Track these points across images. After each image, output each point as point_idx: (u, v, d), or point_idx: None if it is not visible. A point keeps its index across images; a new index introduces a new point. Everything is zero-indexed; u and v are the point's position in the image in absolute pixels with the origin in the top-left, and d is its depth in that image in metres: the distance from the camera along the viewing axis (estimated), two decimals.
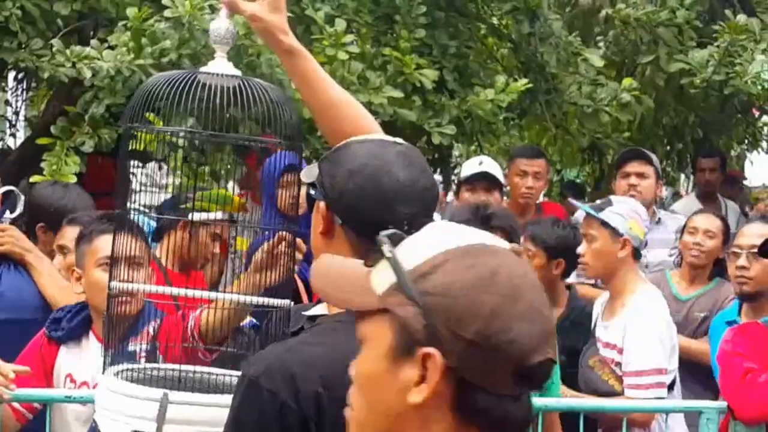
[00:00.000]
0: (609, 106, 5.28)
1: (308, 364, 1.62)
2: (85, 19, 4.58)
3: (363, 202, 1.67)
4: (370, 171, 1.68)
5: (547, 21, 5.37)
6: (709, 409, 3.12)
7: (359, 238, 1.68)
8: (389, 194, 1.67)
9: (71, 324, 2.91)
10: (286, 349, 1.68)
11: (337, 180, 1.70)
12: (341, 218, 1.70)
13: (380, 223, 1.61)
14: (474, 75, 5.16)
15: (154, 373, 2.09)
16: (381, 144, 1.75)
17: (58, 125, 4.22)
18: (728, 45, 5.27)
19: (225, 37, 2.06)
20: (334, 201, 1.70)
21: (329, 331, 1.69)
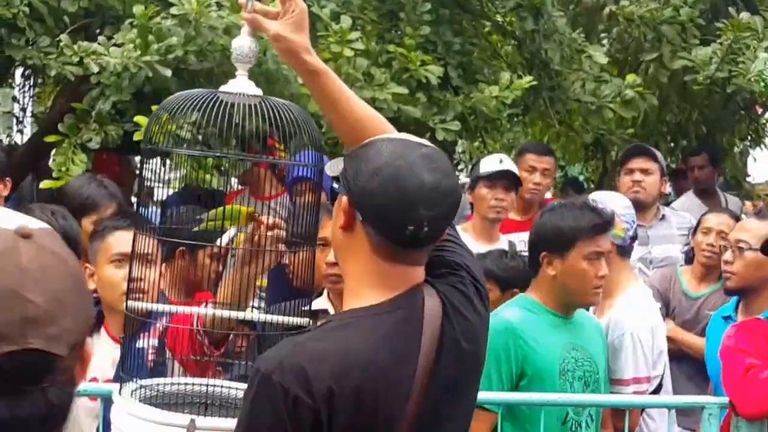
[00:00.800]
0: (613, 102, 5.27)
1: (320, 359, 1.63)
2: (92, 17, 4.58)
3: (384, 202, 1.68)
4: (394, 171, 1.68)
5: (551, 18, 5.35)
6: (711, 405, 3.09)
7: (378, 236, 1.70)
8: (411, 196, 1.67)
9: None
10: (298, 344, 1.69)
11: (360, 177, 1.71)
12: (362, 215, 1.71)
13: (400, 223, 1.68)
14: (478, 72, 5.15)
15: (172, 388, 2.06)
16: (406, 144, 1.75)
17: (66, 122, 4.21)
18: (731, 43, 5.27)
19: (247, 55, 2.02)
20: (357, 197, 1.71)
21: (341, 327, 1.71)
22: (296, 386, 1.60)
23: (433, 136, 4.82)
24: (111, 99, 4.10)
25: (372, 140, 1.77)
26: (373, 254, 1.72)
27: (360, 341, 1.67)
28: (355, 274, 1.75)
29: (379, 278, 1.73)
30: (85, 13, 4.51)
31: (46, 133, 4.33)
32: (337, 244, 1.79)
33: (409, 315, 1.72)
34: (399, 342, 1.70)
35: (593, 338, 3.14)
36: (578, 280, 3.00)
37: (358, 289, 1.75)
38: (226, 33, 4.05)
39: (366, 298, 1.72)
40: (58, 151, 4.13)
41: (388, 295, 1.72)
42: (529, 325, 3.00)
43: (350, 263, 1.76)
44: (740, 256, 3.42)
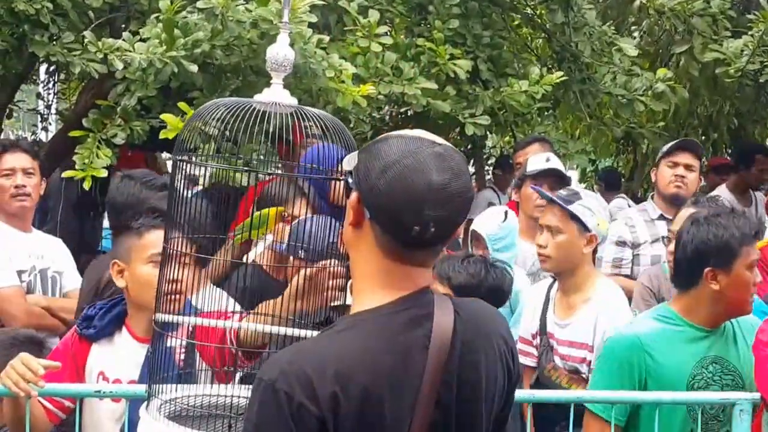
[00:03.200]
0: (644, 96, 5.16)
1: (323, 364, 1.59)
2: (117, 12, 4.47)
3: (391, 200, 1.62)
4: (402, 169, 1.62)
5: (581, 10, 5.27)
6: (742, 401, 2.98)
7: (385, 235, 1.65)
8: (418, 195, 1.61)
9: (103, 321, 2.80)
10: (301, 350, 1.66)
11: (370, 173, 1.65)
12: (370, 212, 1.66)
13: (406, 222, 1.62)
14: (508, 65, 5.06)
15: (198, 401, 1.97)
16: (418, 142, 1.67)
17: (90, 118, 4.12)
18: (762, 34, 5.15)
19: (282, 63, 1.96)
20: (366, 194, 1.66)
21: (345, 330, 1.66)
22: (300, 393, 1.56)
23: (463, 131, 4.71)
24: (136, 95, 4.01)
25: (385, 136, 1.72)
26: (380, 252, 1.67)
27: (364, 344, 1.63)
28: (362, 272, 1.71)
29: (386, 277, 1.68)
30: (110, 8, 4.40)
31: (71, 130, 4.24)
32: (347, 240, 1.74)
33: (416, 316, 1.66)
34: (405, 343, 1.64)
35: (741, 350, 3.02)
36: (741, 291, 2.90)
37: (365, 289, 1.70)
38: (253, 27, 3.95)
39: (372, 299, 1.68)
40: (82, 146, 4.03)
41: (394, 296, 1.67)
42: (660, 338, 2.91)
43: (358, 261, 1.72)
44: None
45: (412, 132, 1.72)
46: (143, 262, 2.75)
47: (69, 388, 2.76)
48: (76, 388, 2.77)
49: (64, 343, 2.87)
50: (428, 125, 4.98)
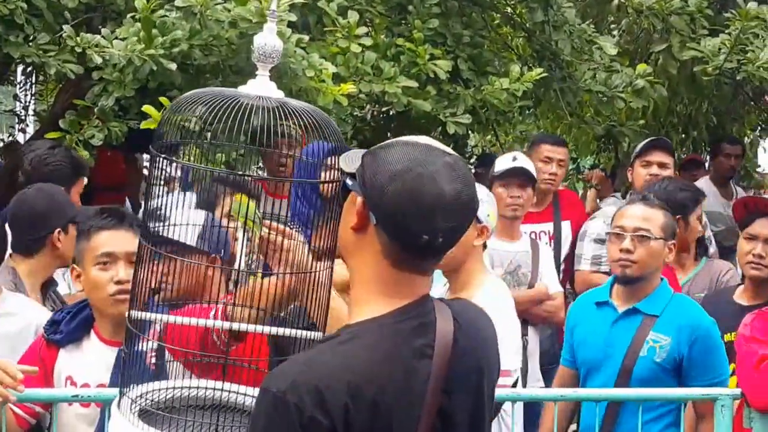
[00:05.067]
0: (624, 93, 5.14)
1: (332, 376, 1.56)
2: (93, 12, 4.39)
3: (402, 208, 1.60)
4: (415, 177, 1.60)
5: (560, 9, 5.24)
6: (724, 396, 3.01)
7: (391, 242, 1.62)
8: (430, 205, 1.60)
9: (70, 326, 2.74)
10: (309, 362, 1.61)
11: (378, 179, 1.61)
12: (376, 218, 1.62)
13: (416, 231, 1.60)
14: (488, 64, 5.01)
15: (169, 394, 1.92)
16: (429, 151, 1.65)
17: (67, 119, 4.04)
18: (740, 32, 5.15)
19: (270, 55, 1.86)
20: (373, 199, 1.62)
21: (350, 341, 1.62)
22: (311, 406, 1.53)
23: (444, 130, 4.67)
24: (114, 95, 3.94)
25: (393, 141, 1.69)
26: (383, 259, 1.64)
27: (370, 354, 1.60)
28: (363, 278, 1.67)
29: (387, 285, 1.65)
30: (85, 8, 4.32)
31: (48, 131, 4.15)
32: (346, 244, 1.71)
33: (419, 325, 1.64)
34: (410, 353, 1.62)
35: None
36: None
37: (365, 296, 1.66)
38: (232, 26, 3.89)
39: (373, 307, 1.65)
40: None
41: (396, 304, 1.64)
42: None
43: (359, 266, 1.68)
44: (642, 244, 3.26)
45: (420, 139, 1.70)
46: (91, 264, 2.69)
47: (45, 394, 2.69)
48: (52, 393, 2.70)
49: (32, 349, 2.80)
50: (409, 124, 4.93)
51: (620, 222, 3.36)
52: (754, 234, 3.50)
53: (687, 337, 3.14)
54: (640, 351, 3.16)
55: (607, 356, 3.22)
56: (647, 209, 3.34)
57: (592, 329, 3.31)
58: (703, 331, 3.16)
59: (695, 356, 3.13)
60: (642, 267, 3.25)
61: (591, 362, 3.28)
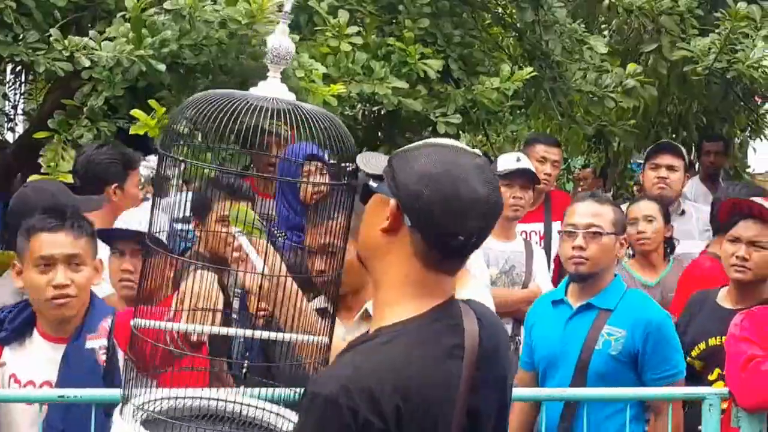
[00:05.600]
0: (614, 92, 5.13)
1: (382, 377, 1.57)
2: (83, 11, 4.36)
3: (438, 210, 1.62)
4: (450, 180, 1.63)
5: (551, 9, 5.22)
6: (711, 396, 3.00)
7: (424, 243, 1.64)
8: (465, 206, 1.63)
9: (14, 324, 2.72)
10: (357, 364, 1.60)
11: (413, 181, 1.63)
12: (411, 219, 1.63)
13: (451, 232, 1.62)
14: (479, 64, 5.00)
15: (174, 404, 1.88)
16: (460, 153, 1.69)
17: (56, 118, 4.02)
18: (729, 32, 5.14)
19: (285, 57, 1.83)
20: (407, 201, 1.63)
21: (392, 342, 1.63)
22: (365, 408, 1.53)
23: (435, 130, 4.65)
24: (103, 95, 3.93)
25: (423, 144, 1.71)
26: (415, 260, 1.65)
27: (413, 355, 1.61)
28: (393, 279, 1.67)
29: (419, 286, 1.66)
30: (75, 8, 4.29)
31: (37, 131, 4.12)
32: (373, 247, 1.70)
33: (448, 326, 1.66)
34: (444, 353, 1.64)
35: None
36: None
37: (395, 297, 1.67)
38: (221, 27, 3.87)
39: (406, 307, 1.65)
40: (48, 147, 3.93)
41: (427, 305, 1.66)
42: None
43: (388, 268, 1.68)
44: (594, 240, 3.26)
45: (448, 141, 1.73)
46: (30, 265, 2.67)
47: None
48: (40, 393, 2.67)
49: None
50: (400, 124, 4.92)
51: (571, 220, 3.35)
52: (737, 236, 3.46)
53: (641, 331, 3.14)
54: (595, 345, 3.16)
55: (564, 352, 3.22)
56: (597, 205, 3.34)
57: (549, 327, 3.31)
58: (657, 324, 3.17)
59: (649, 349, 3.13)
60: (595, 263, 3.25)
61: (548, 359, 3.28)
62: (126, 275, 3.07)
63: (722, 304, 3.51)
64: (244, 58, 3.93)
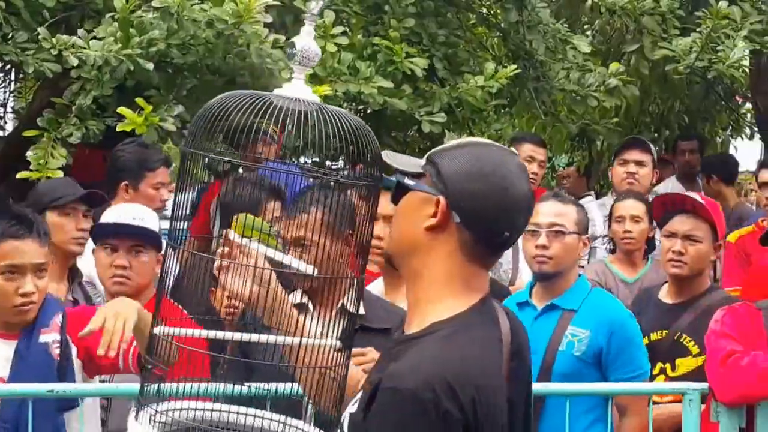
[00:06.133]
0: (597, 91, 5.16)
1: (457, 370, 1.58)
2: (71, 11, 4.36)
3: (488, 207, 1.65)
4: (500, 177, 1.66)
5: (534, 9, 5.25)
6: (692, 391, 2.99)
7: (472, 239, 1.66)
8: (513, 204, 1.67)
9: None
10: (433, 357, 1.60)
11: (464, 179, 1.65)
12: (460, 216, 1.65)
13: (500, 229, 1.66)
14: (464, 63, 5.03)
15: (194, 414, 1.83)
16: (502, 151, 1.73)
17: (45, 117, 4.02)
18: (710, 32, 5.19)
19: (313, 59, 1.78)
20: (458, 199, 1.65)
21: (454, 335, 1.63)
22: (446, 400, 1.53)
23: (420, 129, 4.68)
24: (92, 94, 3.93)
25: (463, 143, 1.73)
26: (461, 256, 1.67)
27: (475, 348, 1.64)
28: (434, 276, 1.68)
29: (463, 281, 1.68)
30: (63, 7, 4.29)
31: (26, 130, 4.12)
32: (412, 244, 1.69)
33: (490, 319, 1.70)
34: (495, 346, 1.68)
35: None
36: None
37: (441, 293, 1.67)
38: (209, 26, 3.88)
39: (453, 302, 1.67)
40: (37, 145, 3.94)
41: (473, 299, 1.68)
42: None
43: (429, 264, 1.68)
44: (557, 240, 3.24)
45: (484, 140, 1.78)
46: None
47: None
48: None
49: None
50: (385, 123, 4.94)
51: (535, 219, 3.27)
52: (673, 231, 3.44)
53: (605, 331, 3.11)
54: (559, 346, 3.13)
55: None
56: (560, 205, 3.31)
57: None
58: (620, 324, 3.14)
59: (613, 350, 3.11)
60: (558, 262, 3.21)
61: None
62: (120, 271, 3.05)
63: (663, 300, 3.51)
64: (231, 57, 3.95)
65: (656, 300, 3.53)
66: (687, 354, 3.34)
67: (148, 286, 3.13)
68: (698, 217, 3.40)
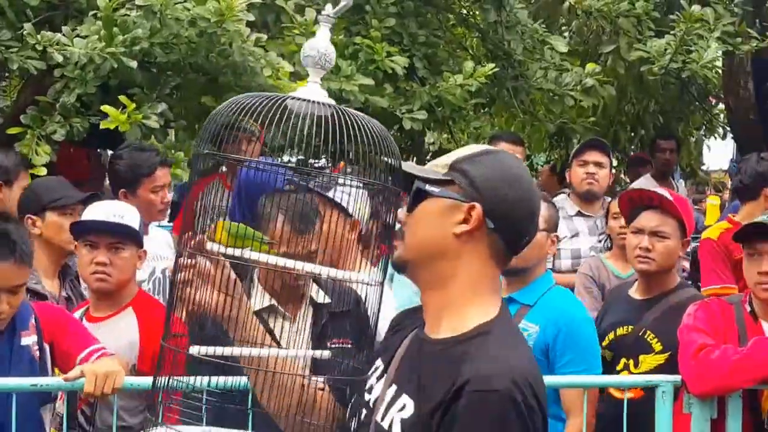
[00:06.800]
0: (574, 90, 5.20)
1: (530, 369, 1.60)
2: (55, 10, 4.34)
3: (518, 213, 1.67)
4: (525, 184, 1.69)
5: (513, 10, 5.28)
6: (665, 383, 3.02)
7: (502, 244, 1.67)
8: (536, 209, 1.71)
9: None
10: (509, 357, 1.61)
11: (497, 185, 1.65)
12: (494, 222, 1.65)
13: (525, 233, 1.69)
14: (443, 63, 5.05)
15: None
16: (516, 159, 1.76)
17: (29, 114, 4.00)
18: (684, 33, 5.24)
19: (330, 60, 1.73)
20: (493, 205, 1.65)
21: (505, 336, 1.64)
22: (530, 398, 1.55)
23: (401, 127, 4.69)
24: (76, 92, 3.91)
25: (485, 150, 1.72)
26: (491, 261, 1.68)
27: (526, 346, 1.69)
28: (464, 280, 1.67)
29: (491, 283, 1.70)
30: (47, 6, 4.27)
31: (11, 127, 4.10)
32: (440, 249, 1.67)
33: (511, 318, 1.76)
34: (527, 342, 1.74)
35: None
36: None
37: (471, 296, 1.67)
38: (191, 25, 3.87)
39: (486, 305, 1.67)
40: (21, 143, 3.92)
41: (499, 300, 1.70)
42: None
43: (459, 269, 1.67)
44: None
45: (496, 148, 1.77)
46: None
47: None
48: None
49: None
50: None
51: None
52: (640, 227, 3.39)
53: (553, 328, 3.05)
54: None
55: None
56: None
57: None
58: (568, 324, 3.07)
59: (558, 348, 3.05)
60: (525, 259, 3.08)
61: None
62: (100, 268, 3.04)
63: (632, 296, 3.47)
64: (214, 56, 3.95)
65: (626, 295, 3.50)
66: (650, 351, 3.30)
67: (128, 282, 3.12)
68: (666, 213, 3.36)
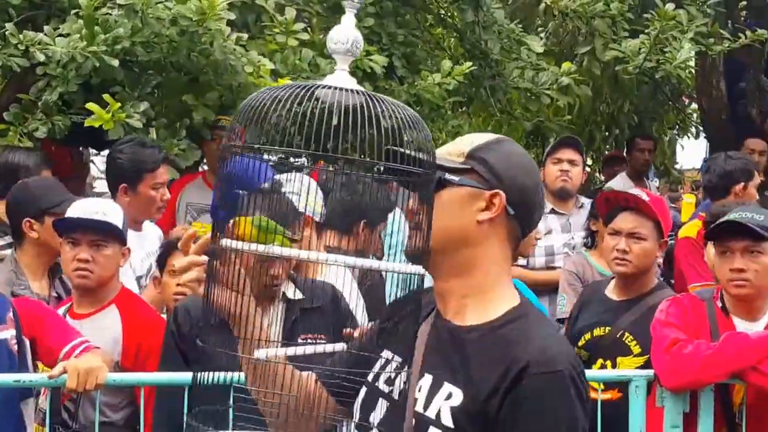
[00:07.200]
0: (550, 89, 5.23)
1: (572, 349, 1.66)
2: (38, 9, 4.34)
3: (533, 200, 1.70)
4: (536, 171, 1.74)
5: (489, 10, 5.31)
6: (638, 378, 3.05)
7: (518, 229, 1.69)
8: (542, 195, 1.74)
9: None
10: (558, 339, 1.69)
11: (515, 173, 1.67)
12: (515, 209, 1.67)
13: (535, 221, 1.73)
14: (422, 62, 5.07)
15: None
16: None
17: (11, 112, 4.01)
18: (658, 33, 5.29)
19: (358, 47, 1.65)
20: (514, 193, 1.67)
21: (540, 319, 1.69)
22: (582, 377, 1.60)
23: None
24: (57, 90, 3.91)
25: (499, 139, 1.73)
26: (506, 247, 1.69)
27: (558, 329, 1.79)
28: (487, 266, 1.68)
29: (508, 269, 1.72)
30: (30, 6, 4.27)
31: None
32: (462, 237, 1.67)
33: None
34: None
35: None
36: None
37: (493, 282, 1.68)
38: (173, 24, 3.88)
39: (508, 290, 1.69)
40: (3, 139, 3.92)
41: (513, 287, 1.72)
42: None
43: (481, 256, 1.67)
44: None
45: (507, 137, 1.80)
46: None
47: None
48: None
49: None
50: None
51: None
52: (617, 229, 3.37)
53: None
54: None
55: None
56: None
57: None
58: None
59: None
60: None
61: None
62: (83, 264, 3.03)
63: (609, 296, 3.46)
64: (195, 55, 3.97)
65: (602, 295, 3.49)
66: (628, 353, 3.31)
67: (111, 279, 3.12)
68: (642, 215, 3.33)
